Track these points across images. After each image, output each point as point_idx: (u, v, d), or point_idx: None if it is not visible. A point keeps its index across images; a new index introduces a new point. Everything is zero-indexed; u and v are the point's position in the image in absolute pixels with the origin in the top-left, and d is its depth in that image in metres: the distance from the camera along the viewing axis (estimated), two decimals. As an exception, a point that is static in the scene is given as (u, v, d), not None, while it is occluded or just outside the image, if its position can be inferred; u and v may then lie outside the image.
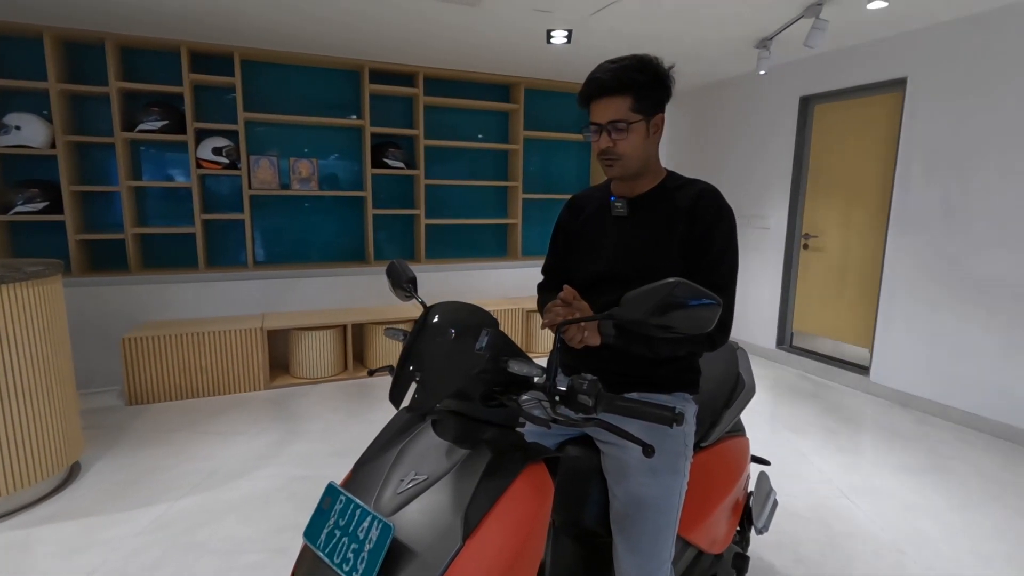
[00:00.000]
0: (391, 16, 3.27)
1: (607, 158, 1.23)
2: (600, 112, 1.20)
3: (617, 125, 1.18)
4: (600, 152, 1.23)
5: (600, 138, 1.21)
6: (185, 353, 3.57)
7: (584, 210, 1.40)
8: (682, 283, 0.85)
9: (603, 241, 1.31)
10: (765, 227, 4.59)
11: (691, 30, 3.51)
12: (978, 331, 3.24)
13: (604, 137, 1.20)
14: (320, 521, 0.90)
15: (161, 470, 2.67)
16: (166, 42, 3.72)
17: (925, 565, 2.05)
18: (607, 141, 1.20)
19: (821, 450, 2.98)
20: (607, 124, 1.19)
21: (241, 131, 3.95)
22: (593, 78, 1.20)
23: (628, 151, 1.21)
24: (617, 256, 1.27)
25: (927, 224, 3.47)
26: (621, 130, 1.19)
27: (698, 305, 0.85)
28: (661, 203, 1.27)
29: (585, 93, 1.22)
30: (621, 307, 0.89)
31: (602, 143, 1.21)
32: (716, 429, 1.49)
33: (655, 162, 1.29)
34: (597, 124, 1.21)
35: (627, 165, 1.23)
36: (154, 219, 4.05)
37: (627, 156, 1.21)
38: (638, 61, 1.19)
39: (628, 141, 1.20)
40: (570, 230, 1.42)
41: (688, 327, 0.86)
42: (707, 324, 0.86)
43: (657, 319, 0.85)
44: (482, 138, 4.95)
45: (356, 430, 3.18)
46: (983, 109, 3.17)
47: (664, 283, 0.85)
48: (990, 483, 2.65)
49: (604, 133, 1.20)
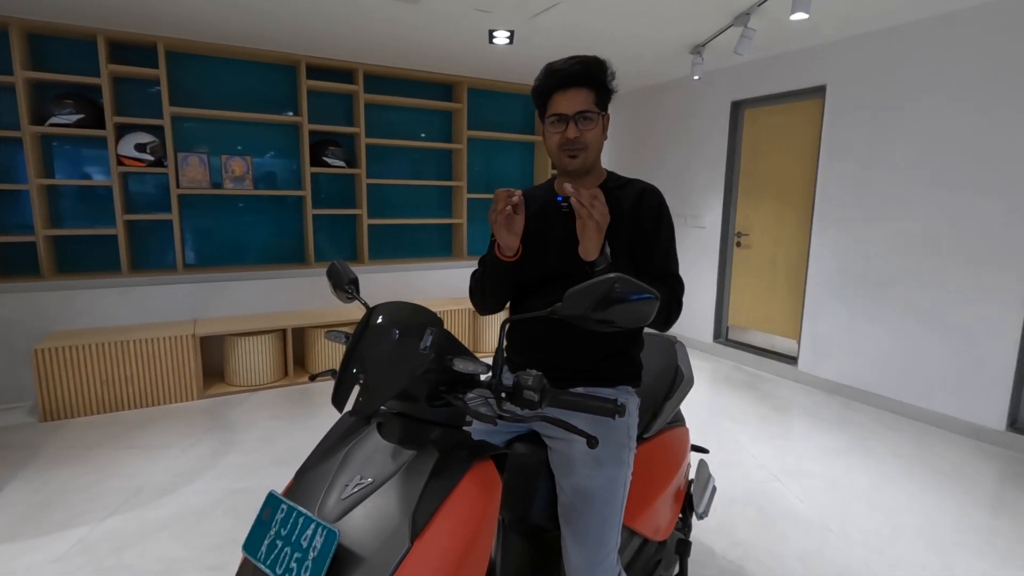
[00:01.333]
0: (327, 10, 3.18)
1: (573, 149, 1.24)
2: (567, 103, 1.22)
3: (586, 115, 1.22)
4: (565, 143, 1.24)
5: (568, 127, 1.22)
6: (107, 364, 3.33)
7: (528, 208, 1.40)
8: (622, 279, 0.87)
9: (549, 241, 1.33)
10: (700, 226, 4.78)
11: (629, 35, 3.61)
12: (890, 322, 3.51)
13: (572, 127, 1.22)
14: (260, 532, 0.87)
15: (81, 490, 2.48)
16: (81, 29, 3.45)
17: (848, 540, 2.20)
18: (575, 131, 1.22)
19: (755, 437, 3.14)
20: (575, 115, 1.21)
21: (167, 126, 3.73)
22: (558, 69, 1.22)
23: (592, 142, 1.25)
24: (563, 255, 1.29)
25: (845, 222, 3.72)
26: (589, 119, 1.22)
27: (638, 299, 0.87)
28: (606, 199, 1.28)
29: (547, 86, 1.23)
30: (563, 303, 0.90)
31: (570, 132, 1.22)
32: (657, 420, 1.53)
33: (599, 161, 1.34)
34: (562, 115, 1.22)
35: (589, 156, 1.26)
36: (70, 220, 3.76)
37: (591, 147, 1.25)
38: (594, 58, 1.23)
39: (592, 133, 1.24)
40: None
41: (628, 321, 0.88)
42: (646, 318, 0.89)
43: (599, 314, 0.87)
44: (425, 137, 4.90)
45: (297, 437, 3.07)
46: (894, 115, 3.43)
47: (605, 279, 0.87)
48: (904, 461, 2.88)
49: (571, 123, 1.22)
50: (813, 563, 2.06)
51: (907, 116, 3.36)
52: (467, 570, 0.89)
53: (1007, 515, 2.40)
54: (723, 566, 2.04)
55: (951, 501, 2.49)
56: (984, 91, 3.02)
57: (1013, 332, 2.97)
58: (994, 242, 3.03)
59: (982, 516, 2.38)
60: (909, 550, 2.14)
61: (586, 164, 1.27)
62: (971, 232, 3.12)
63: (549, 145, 1.29)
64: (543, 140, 1.32)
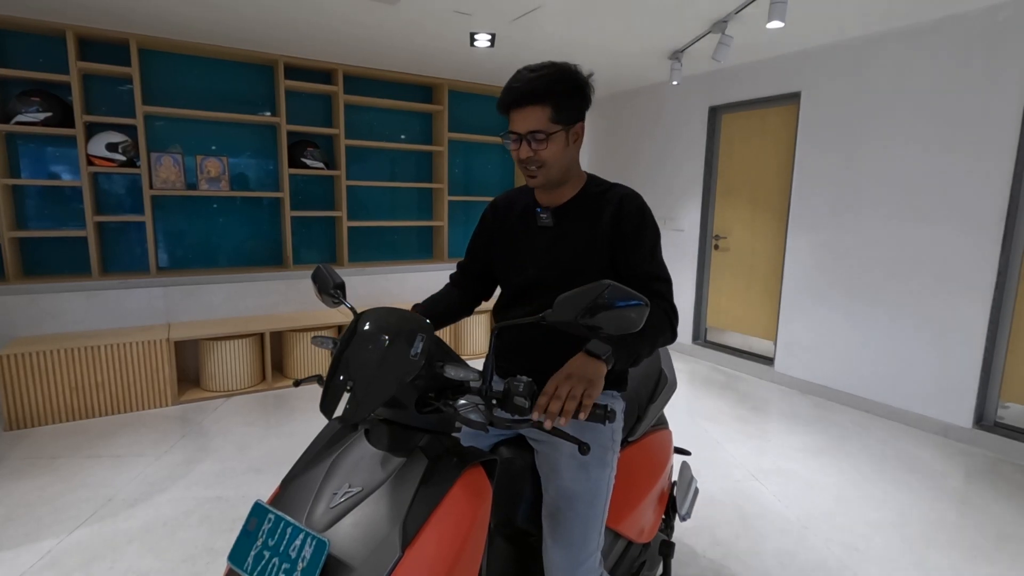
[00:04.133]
0: (304, 10, 3.14)
1: (529, 168, 1.22)
2: (519, 122, 1.19)
3: (536, 135, 1.18)
4: (521, 161, 1.22)
5: (520, 147, 1.20)
6: (77, 370, 3.23)
7: (508, 216, 1.40)
8: (613, 286, 0.87)
9: (530, 250, 1.32)
10: (679, 229, 4.84)
11: (609, 39, 3.65)
12: (862, 323, 3.60)
13: (524, 147, 1.20)
14: (246, 543, 0.85)
15: (47, 501, 2.40)
16: (49, 25, 3.35)
17: (825, 537, 2.24)
18: (527, 151, 1.20)
19: (733, 437, 3.18)
20: (527, 134, 1.18)
21: (140, 126, 3.64)
22: (511, 87, 1.18)
23: (549, 160, 1.20)
24: (545, 265, 1.29)
25: (820, 225, 3.81)
26: (540, 140, 1.18)
27: (627, 306, 0.87)
28: (585, 210, 1.29)
29: (504, 102, 1.20)
30: (553, 310, 0.90)
31: (522, 152, 1.20)
32: (642, 424, 1.54)
33: (576, 169, 1.31)
34: (516, 133, 1.20)
35: (548, 174, 1.23)
36: (36, 221, 3.64)
37: (548, 165, 1.21)
38: (556, 71, 1.18)
39: (548, 151, 1.19)
40: (493, 234, 1.43)
41: (618, 328, 0.88)
42: (635, 324, 0.89)
43: (588, 320, 0.87)
44: (405, 139, 4.87)
45: (274, 444, 3.02)
46: (865, 120, 3.52)
47: (595, 285, 0.87)
48: (876, 458, 2.95)
49: (524, 143, 1.19)
50: (791, 561, 2.09)
51: (877, 121, 3.46)
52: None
53: (974, 510, 2.47)
54: (704, 565, 2.06)
55: (922, 497, 2.56)
56: (948, 96, 3.12)
57: (979, 333, 3.07)
58: (961, 245, 3.13)
59: (951, 511, 2.45)
60: (882, 546, 2.19)
61: (548, 181, 1.24)
62: (940, 234, 3.22)
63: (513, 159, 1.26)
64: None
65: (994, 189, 2.98)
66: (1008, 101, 2.90)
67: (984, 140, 3.01)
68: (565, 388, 0.93)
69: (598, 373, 0.98)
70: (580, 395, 0.92)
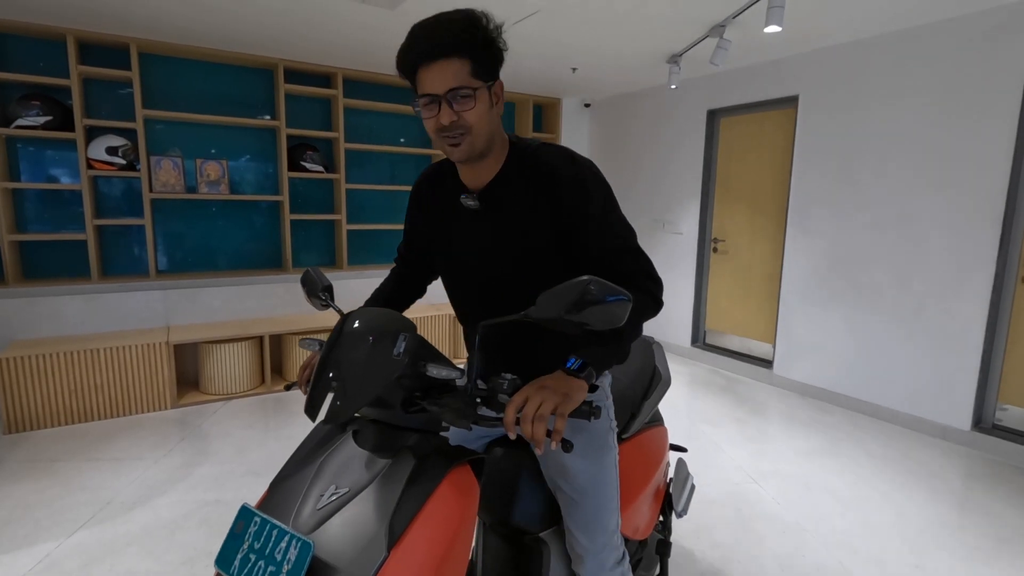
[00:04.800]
0: (304, 14, 3.15)
1: (452, 135, 1.01)
2: (435, 80, 0.97)
3: (460, 92, 0.98)
4: (441, 129, 1.01)
5: (441, 111, 0.99)
6: (76, 373, 3.23)
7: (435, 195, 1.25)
8: (596, 281, 0.87)
9: (463, 239, 1.19)
10: (678, 232, 4.85)
11: (608, 43, 3.66)
12: (861, 326, 3.60)
13: (446, 110, 0.99)
14: (233, 546, 0.85)
15: (46, 504, 2.40)
16: (49, 29, 3.36)
17: (824, 539, 2.24)
18: (450, 114, 0.99)
19: (733, 440, 3.18)
20: (447, 93, 0.97)
21: (140, 129, 3.65)
22: (418, 38, 0.98)
23: (476, 123, 1.01)
24: (488, 258, 1.17)
25: (818, 228, 3.82)
26: (466, 97, 0.98)
27: (612, 301, 0.87)
28: (514, 188, 1.12)
29: (409, 59, 0.99)
30: (536, 306, 0.90)
31: (443, 117, 0.99)
32: (636, 420, 1.55)
33: (500, 137, 1.11)
34: (432, 95, 0.99)
35: (475, 142, 1.03)
36: (36, 225, 3.64)
37: (475, 131, 1.02)
38: (469, 17, 0.98)
39: (474, 112, 1.00)
40: (419, 226, 1.32)
41: (602, 323, 0.88)
42: (619, 319, 0.88)
43: (573, 316, 0.87)
44: (404, 142, 4.88)
45: (273, 447, 3.02)
46: (862, 124, 3.54)
47: (579, 281, 0.87)
48: (875, 460, 2.95)
49: (444, 104, 0.99)
50: (790, 563, 2.09)
51: (875, 125, 3.47)
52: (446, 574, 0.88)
53: (973, 512, 2.47)
54: (703, 568, 2.06)
55: (921, 499, 2.56)
56: (945, 99, 3.14)
57: (976, 335, 3.08)
58: (959, 247, 3.14)
59: (950, 513, 2.46)
60: (882, 548, 2.19)
61: (472, 151, 1.04)
62: (938, 237, 3.23)
63: (428, 130, 1.04)
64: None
65: (991, 192, 2.99)
66: (1005, 105, 2.92)
67: (982, 143, 3.02)
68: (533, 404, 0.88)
69: (578, 387, 0.94)
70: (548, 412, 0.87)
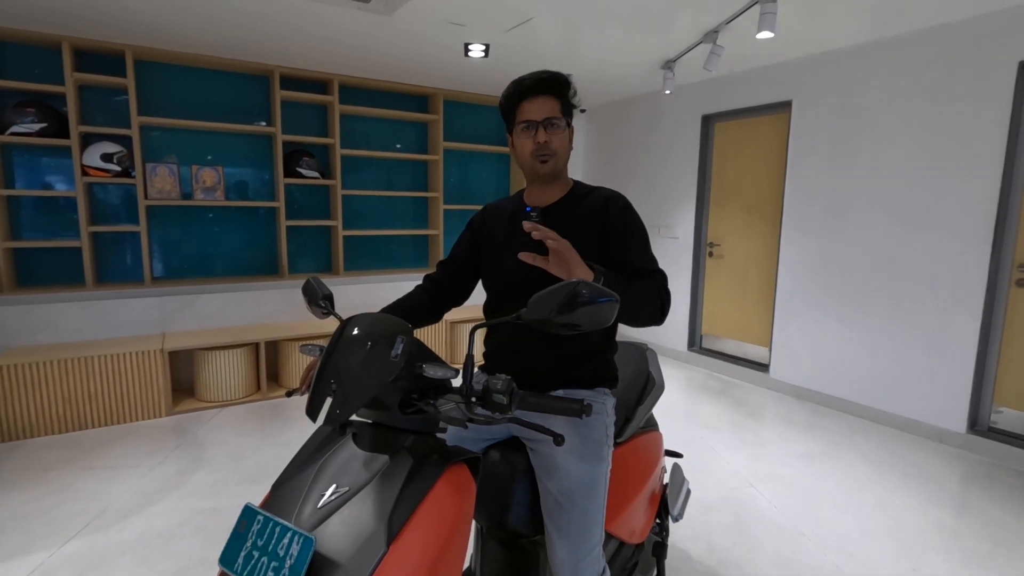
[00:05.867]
0: (299, 21, 3.16)
1: (543, 154, 1.29)
2: (535, 109, 1.27)
3: (553, 121, 1.27)
4: (536, 148, 1.29)
5: (537, 132, 1.28)
6: (70, 381, 3.21)
7: (497, 219, 1.44)
8: (584, 283, 0.91)
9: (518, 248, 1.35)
10: (674, 237, 4.87)
11: (602, 50, 3.68)
12: (856, 329, 3.62)
13: (541, 131, 1.27)
14: (237, 544, 0.88)
15: (40, 513, 2.38)
16: (44, 36, 3.36)
17: (821, 544, 2.24)
18: (544, 135, 1.27)
19: (729, 444, 3.18)
20: (543, 120, 1.27)
21: (135, 136, 3.65)
22: (524, 80, 1.28)
23: (560, 149, 1.30)
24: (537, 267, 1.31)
25: (812, 232, 3.84)
26: (556, 126, 1.28)
27: (601, 303, 0.91)
28: (572, 209, 1.34)
29: (516, 92, 1.29)
30: (528, 308, 0.93)
31: (539, 137, 1.27)
32: (630, 425, 1.56)
33: (567, 170, 1.38)
34: (531, 121, 1.27)
35: (558, 162, 1.31)
36: (31, 232, 3.63)
37: (560, 153, 1.30)
38: (558, 74, 1.30)
39: (559, 140, 1.29)
40: (481, 238, 1.46)
41: (591, 323, 0.92)
42: (607, 320, 0.93)
43: (562, 317, 0.91)
44: (401, 148, 4.89)
45: (269, 454, 3.00)
46: (855, 128, 3.56)
47: (567, 283, 0.91)
48: (871, 464, 2.95)
49: (540, 128, 1.27)
50: (787, 567, 2.09)
51: (867, 129, 3.49)
52: (443, 570, 0.91)
53: (969, 515, 2.48)
54: (700, 572, 2.06)
55: (917, 503, 2.57)
56: (937, 105, 3.16)
57: (971, 338, 3.09)
58: (952, 251, 3.16)
59: (946, 517, 2.46)
60: (878, 552, 2.19)
61: (556, 169, 1.32)
62: (931, 241, 3.25)
63: (521, 153, 1.33)
64: (512, 151, 1.37)
65: (983, 194, 3.02)
66: (995, 110, 2.95)
67: (973, 147, 3.04)
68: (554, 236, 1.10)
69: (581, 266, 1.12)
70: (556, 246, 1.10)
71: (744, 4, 2.84)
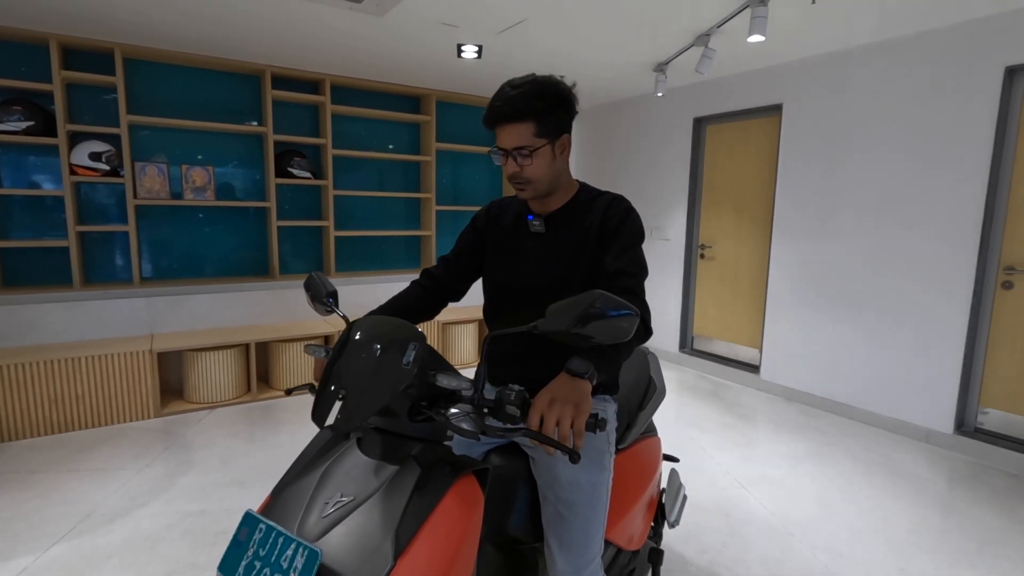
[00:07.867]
0: (290, 21, 3.15)
1: (517, 182, 1.25)
2: (504, 138, 1.21)
3: (521, 151, 1.20)
4: (509, 176, 1.25)
5: (507, 162, 1.23)
6: (56, 382, 3.17)
7: (501, 221, 1.41)
8: (603, 295, 0.88)
9: (520, 256, 1.34)
10: (666, 239, 4.89)
11: (594, 52, 3.69)
12: (845, 331, 3.65)
13: (511, 162, 1.22)
14: (237, 553, 0.85)
15: (23, 516, 2.35)
16: (31, 33, 3.32)
17: (810, 543, 2.26)
18: (514, 166, 1.22)
19: (720, 445, 3.19)
20: (512, 150, 1.20)
21: (124, 135, 3.61)
22: (493, 106, 1.19)
23: (536, 175, 1.23)
24: (534, 271, 1.30)
25: (803, 234, 3.87)
26: (526, 155, 1.20)
27: (618, 316, 0.88)
28: (575, 218, 1.31)
29: (488, 119, 1.22)
30: (545, 319, 0.90)
31: (509, 168, 1.23)
32: (632, 431, 1.55)
33: (566, 178, 1.32)
34: (503, 149, 1.22)
35: (537, 187, 1.25)
36: (17, 232, 3.58)
37: (536, 179, 1.23)
38: (537, 86, 1.18)
39: (535, 166, 1.21)
40: (485, 237, 1.43)
41: (608, 337, 0.89)
42: (625, 334, 0.89)
43: (579, 329, 0.87)
44: (393, 149, 4.88)
45: (259, 456, 2.98)
46: (844, 131, 3.60)
47: (587, 295, 0.88)
48: (860, 464, 2.98)
49: (510, 158, 1.22)
50: (777, 567, 2.10)
51: (857, 132, 3.53)
52: None
53: (956, 515, 2.50)
54: (691, 573, 2.06)
55: (905, 503, 2.59)
56: (926, 108, 3.20)
57: (958, 340, 3.13)
58: (940, 252, 3.19)
59: (934, 516, 2.48)
60: (867, 551, 2.21)
61: (536, 194, 1.27)
62: (919, 243, 3.28)
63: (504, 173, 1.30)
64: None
65: (970, 197, 3.05)
66: (982, 113, 2.98)
67: (960, 150, 3.08)
68: (552, 416, 0.90)
69: (583, 393, 0.95)
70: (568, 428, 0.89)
71: (736, 8, 2.86)
